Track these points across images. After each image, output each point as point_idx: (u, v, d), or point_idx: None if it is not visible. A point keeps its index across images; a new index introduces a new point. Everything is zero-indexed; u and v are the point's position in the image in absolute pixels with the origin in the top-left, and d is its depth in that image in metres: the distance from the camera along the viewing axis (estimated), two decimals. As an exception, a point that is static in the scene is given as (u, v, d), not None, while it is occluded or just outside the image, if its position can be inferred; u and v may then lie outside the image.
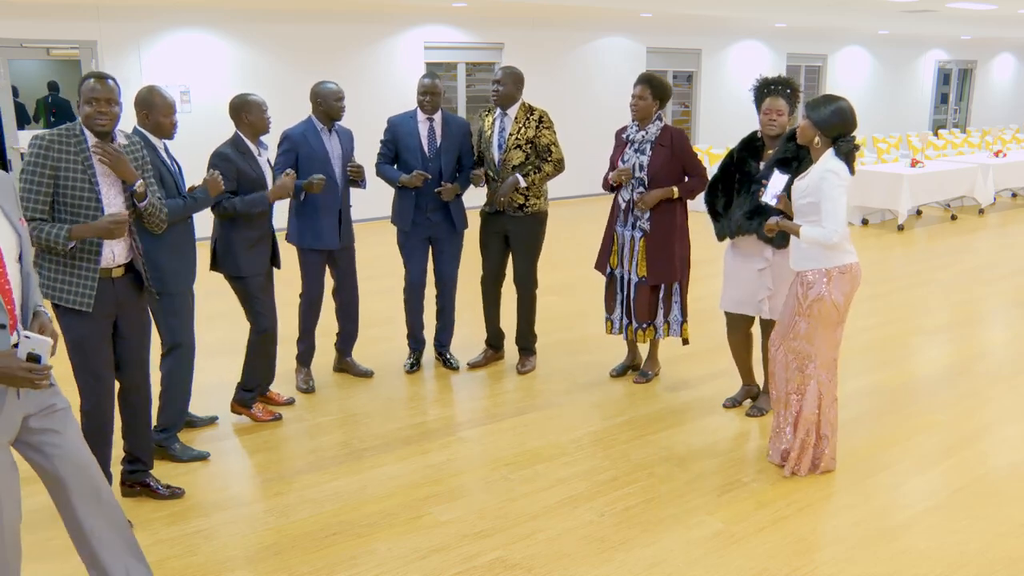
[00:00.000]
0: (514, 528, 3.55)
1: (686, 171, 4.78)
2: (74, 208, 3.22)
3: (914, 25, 14.62)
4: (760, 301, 4.45)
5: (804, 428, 3.92)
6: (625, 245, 4.89)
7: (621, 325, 5.02)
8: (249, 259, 4.32)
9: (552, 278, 7.54)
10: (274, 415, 4.60)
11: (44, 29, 8.47)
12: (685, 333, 4.97)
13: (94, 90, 3.24)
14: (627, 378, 5.23)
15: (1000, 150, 12.51)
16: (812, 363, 3.87)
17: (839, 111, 3.70)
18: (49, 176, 3.17)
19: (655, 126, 4.74)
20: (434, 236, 5.15)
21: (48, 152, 3.17)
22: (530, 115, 5.00)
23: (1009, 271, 8.18)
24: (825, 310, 3.77)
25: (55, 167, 3.18)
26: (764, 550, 3.38)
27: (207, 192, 3.92)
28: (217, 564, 3.30)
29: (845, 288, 3.76)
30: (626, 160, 4.79)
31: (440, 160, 5.00)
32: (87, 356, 3.38)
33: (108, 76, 3.30)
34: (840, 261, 3.75)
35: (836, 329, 3.84)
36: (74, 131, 3.25)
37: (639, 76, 4.82)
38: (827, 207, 3.67)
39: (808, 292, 3.80)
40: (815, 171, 3.74)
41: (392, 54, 10.70)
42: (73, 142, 3.22)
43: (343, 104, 4.75)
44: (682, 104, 14.15)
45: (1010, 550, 3.37)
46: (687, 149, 4.75)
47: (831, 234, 3.65)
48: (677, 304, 4.92)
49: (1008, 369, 5.46)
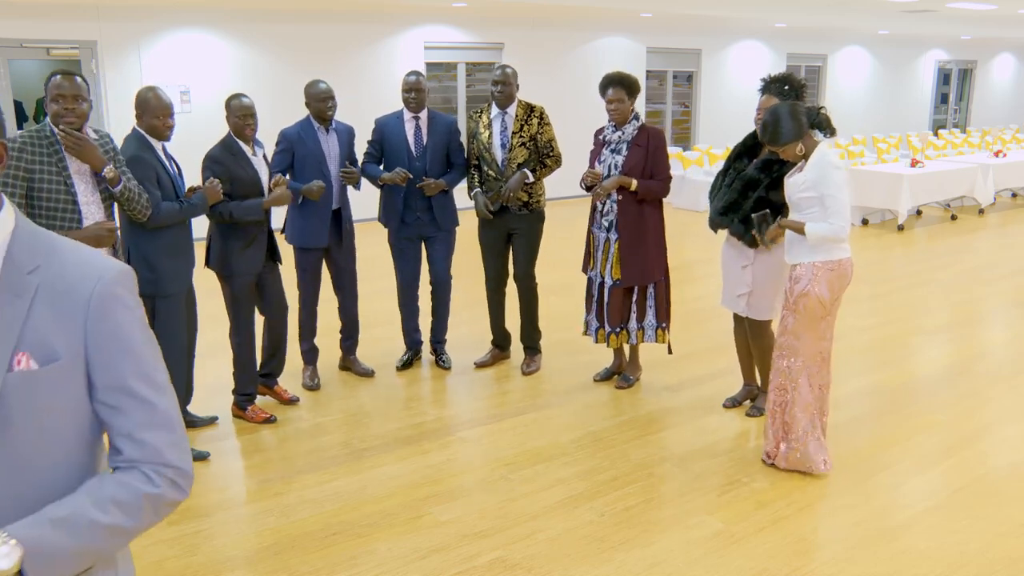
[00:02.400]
0: (514, 528, 3.55)
1: (652, 172, 4.64)
2: (51, 210, 3.15)
3: (914, 25, 14.62)
4: (739, 296, 4.45)
5: (806, 420, 3.91)
6: (599, 247, 4.84)
7: (594, 328, 4.96)
8: (241, 259, 4.32)
9: (552, 278, 7.54)
10: (266, 417, 4.59)
11: (44, 29, 8.47)
12: (662, 339, 4.87)
13: (60, 87, 3.17)
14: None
15: (1000, 150, 12.52)
16: (799, 357, 3.88)
17: (789, 115, 3.68)
18: (23, 179, 3.08)
19: (632, 126, 4.67)
20: (425, 234, 5.15)
21: (21, 154, 3.08)
22: (531, 112, 5.00)
23: (1009, 271, 8.18)
24: (810, 305, 3.78)
25: (28, 169, 3.09)
26: (764, 550, 3.38)
27: (205, 200, 3.92)
28: (217, 564, 3.29)
29: (833, 284, 3.77)
30: (602, 160, 4.74)
31: (426, 158, 5.00)
32: None
33: (75, 73, 3.23)
34: (830, 256, 3.76)
35: (820, 322, 3.84)
36: (44, 132, 3.17)
37: (607, 79, 4.63)
38: (831, 203, 3.67)
39: (795, 287, 3.82)
40: (813, 164, 3.74)
41: (392, 54, 10.70)
42: (45, 143, 3.14)
43: (330, 105, 4.70)
44: (682, 104, 14.14)
45: (1010, 550, 3.37)
46: (660, 149, 4.65)
47: (838, 229, 3.65)
48: (651, 308, 4.84)
49: (1008, 369, 5.46)
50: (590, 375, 5.27)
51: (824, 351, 3.91)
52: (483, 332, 5.85)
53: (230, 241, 4.29)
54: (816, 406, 3.94)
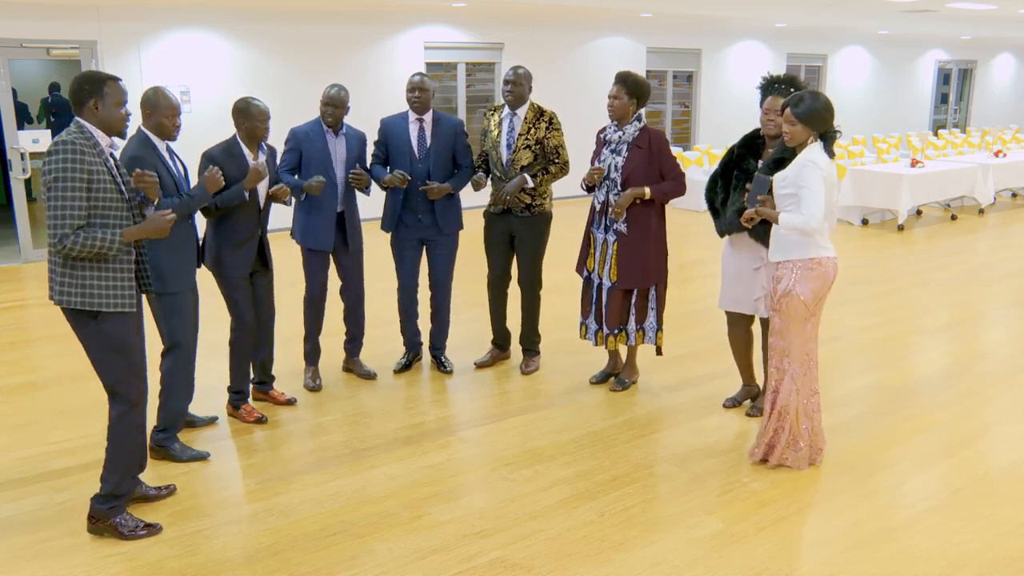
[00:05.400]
0: (514, 528, 3.55)
1: (663, 173, 4.65)
2: (105, 210, 3.22)
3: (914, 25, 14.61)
4: (756, 300, 4.45)
5: (787, 420, 3.94)
6: (598, 248, 4.82)
7: (593, 331, 4.94)
8: (232, 259, 4.32)
9: (553, 278, 7.53)
10: (257, 417, 4.58)
11: (44, 29, 8.47)
12: (659, 341, 4.88)
13: (125, 93, 3.31)
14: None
15: (1000, 150, 12.52)
16: (786, 357, 3.89)
17: (826, 105, 3.73)
18: (85, 181, 3.14)
19: (633, 127, 4.66)
20: (426, 238, 5.11)
21: (84, 157, 3.14)
22: (540, 116, 4.98)
23: (1009, 271, 8.19)
24: (792, 305, 3.79)
25: (88, 171, 3.15)
26: (764, 550, 3.38)
27: (205, 188, 3.91)
28: (217, 564, 3.30)
29: (815, 284, 3.77)
30: (602, 160, 4.73)
31: (429, 161, 4.96)
32: (128, 356, 3.34)
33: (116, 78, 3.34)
34: (811, 254, 3.77)
35: (806, 324, 3.84)
36: (85, 132, 3.22)
37: (616, 75, 4.70)
38: (805, 195, 3.69)
39: (777, 287, 3.84)
40: (796, 161, 3.77)
41: (392, 54, 10.70)
42: (91, 144, 3.21)
43: (329, 111, 4.68)
44: (682, 104, 14.15)
45: (1010, 550, 3.37)
46: (665, 151, 4.65)
47: (809, 219, 3.67)
48: (653, 311, 4.82)
49: (1008, 369, 5.46)
50: (590, 375, 5.26)
51: (811, 353, 3.91)
52: (483, 332, 5.85)
53: (221, 239, 4.30)
54: (804, 412, 3.94)
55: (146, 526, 3.50)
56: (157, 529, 3.51)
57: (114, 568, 3.26)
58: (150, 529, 3.50)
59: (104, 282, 3.24)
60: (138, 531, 3.47)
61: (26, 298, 7.27)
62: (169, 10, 9.12)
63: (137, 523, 3.49)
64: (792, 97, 3.78)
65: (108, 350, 3.30)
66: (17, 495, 3.83)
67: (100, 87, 3.24)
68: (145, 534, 3.48)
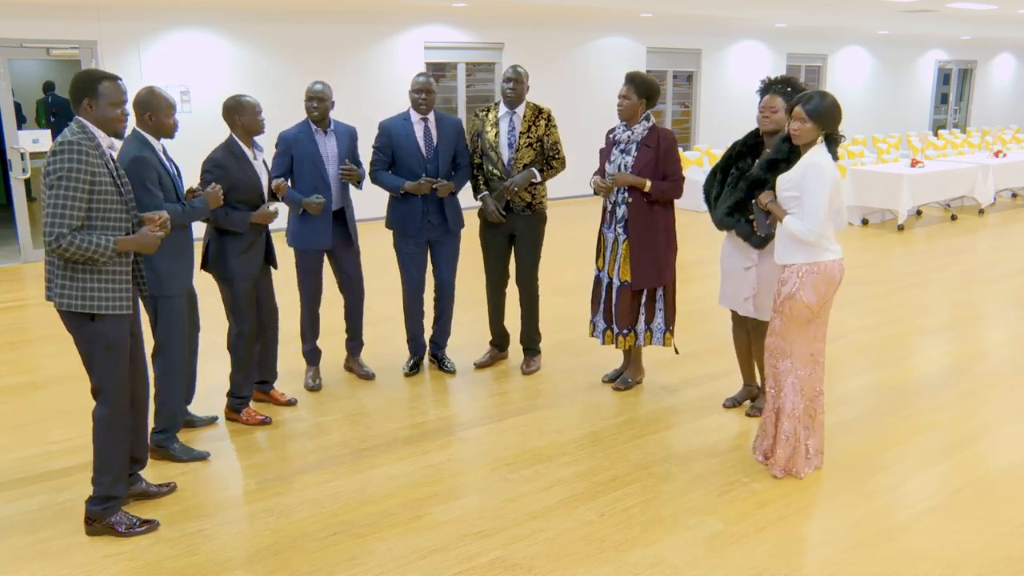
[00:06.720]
0: (514, 528, 3.55)
1: (664, 173, 4.63)
2: (104, 211, 3.21)
3: (914, 25, 14.62)
4: (746, 300, 4.45)
5: (790, 424, 3.92)
6: (608, 248, 4.83)
7: (601, 329, 4.94)
8: (239, 264, 4.31)
9: (553, 279, 7.54)
10: (261, 419, 4.58)
11: (44, 29, 8.47)
12: (669, 342, 4.86)
13: (123, 92, 3.28)
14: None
15: (1000, 150, 12.52)
16: (788, 359, 3.87)
17: (836, 104, 3.72)
18: (88, 183, 3.14)
19: (642, 126, 4.67)
20: (433, 239, 5.11)
21: (89, 159, 3.13)
22: (539, 114, 5.00)
23: (1009, 271, 8.19)
24: (796, 308, 3.77)
25: (92, 172, 3.15)
26: (764, 550, 3.38)
27: (206, 204, 3.92)
28: (217, 564, 3.30)
29: (820, 288, 3.76)
30: (612, 160, 4.74)
31: (438, 160, 4.97)
32: (118, 358, 3.34)
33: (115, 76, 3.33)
34: (817, 258, 3.75)
35: (809, 326, 3.83)
36: (88, 132, 3.22)
37: (625, 75, 4.72)
38: (809, 202, 3.67)
39: (782, 289, 3.82)
40: (800, 163, 3.75)
41: (392, 54, 10.70)
42: (93, 144, 3.20)
43: (314, 105, 4.67)
44: (682, 104, 14.15)
45: (1010, 550, 3.38)
46: (671, 151, 4.64)
47: (808, 232, 3.66)
48: (661, 311, 4.82)
49: (1008, 369, 5.46)
50: (590, 376, 5.27)
51: (816, 353, 3.90)
52: (483, 332, 5.85)
53: (227, 245, 4.29)
54: (806, 413, 3.93)
55: (143, 522, 3.50)
56: (155, 525, 3.51)
57: (114, 568, 3.26)
58: (148, 525, 3.50)
59: (102, 284, 3.24)
60: (135, 528, 3.47)
61: (26, 298, 7.27)
62: (169, 10, 9.12)
63: (133, 520, 3.49)
64: (803, 95, 3.77)
65: (100, 348, 3.30)
66: (17, 495, 3.83)
67: (94, 86, 3.23)
68: (143, 530, 3.48)
